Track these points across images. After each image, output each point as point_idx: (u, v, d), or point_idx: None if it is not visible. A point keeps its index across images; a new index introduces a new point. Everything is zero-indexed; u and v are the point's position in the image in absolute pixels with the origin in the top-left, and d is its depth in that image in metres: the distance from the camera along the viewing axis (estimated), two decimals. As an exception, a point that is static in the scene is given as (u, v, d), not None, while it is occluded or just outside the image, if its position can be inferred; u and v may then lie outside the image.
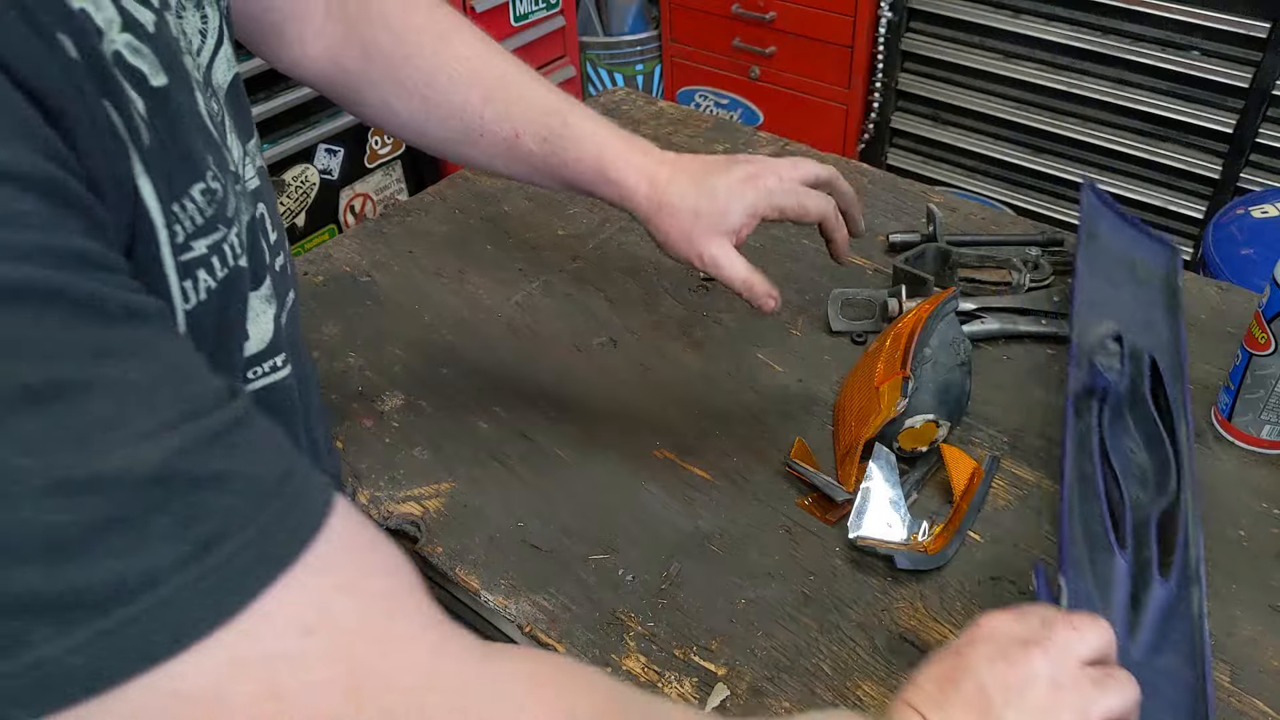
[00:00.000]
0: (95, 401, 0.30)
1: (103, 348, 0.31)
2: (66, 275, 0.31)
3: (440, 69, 0.75)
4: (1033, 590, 0.74)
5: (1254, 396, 0.82)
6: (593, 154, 0.75)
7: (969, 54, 2.20)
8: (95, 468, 0.29)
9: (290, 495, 0.34)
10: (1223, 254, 1.56)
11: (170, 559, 0.30)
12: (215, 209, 0.44)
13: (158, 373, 0.32)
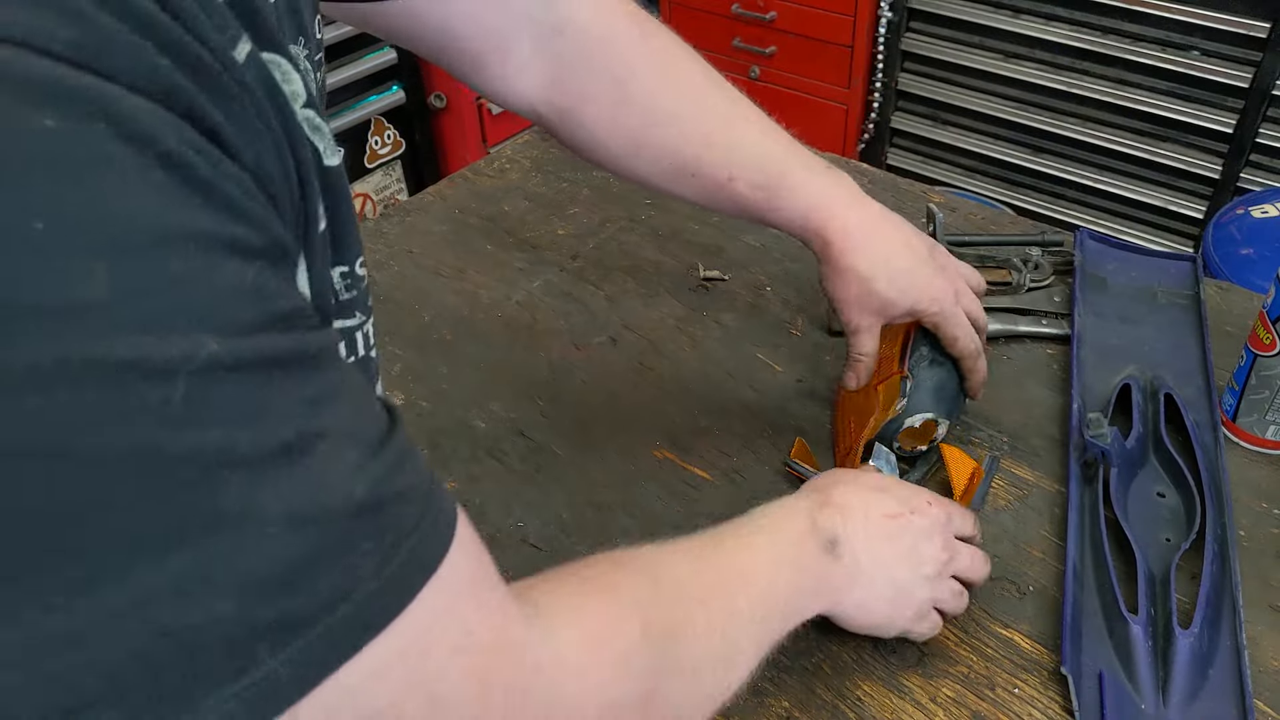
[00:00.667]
0: (323, 446, 0.33)
1: (321, 394, 0.34)
2: (293, 337, 0.33)
3: (659, 110, 0.75)
4: (1032, 590, 0.74)
5: (1259, 397, 0.82)
6: (803, 205, 0.76)
7: (969, 54, 2.20)
8: (323, 505, 0.33)
9: (437, 500, 0.38)
10: (1223, 254, 1.56)
11: (365, 572, 0.34)
12: (354, 294, 0.46)
13: (354, 406, 0.36)
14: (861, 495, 0.67)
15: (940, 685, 0.69)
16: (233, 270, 0.31)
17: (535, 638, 0.43)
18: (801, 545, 0.62)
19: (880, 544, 0.65)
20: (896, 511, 0.67)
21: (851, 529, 0.64)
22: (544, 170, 1.27)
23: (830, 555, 0.63)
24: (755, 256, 1.10)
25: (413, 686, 0.36)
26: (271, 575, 0.31)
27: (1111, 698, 0.66)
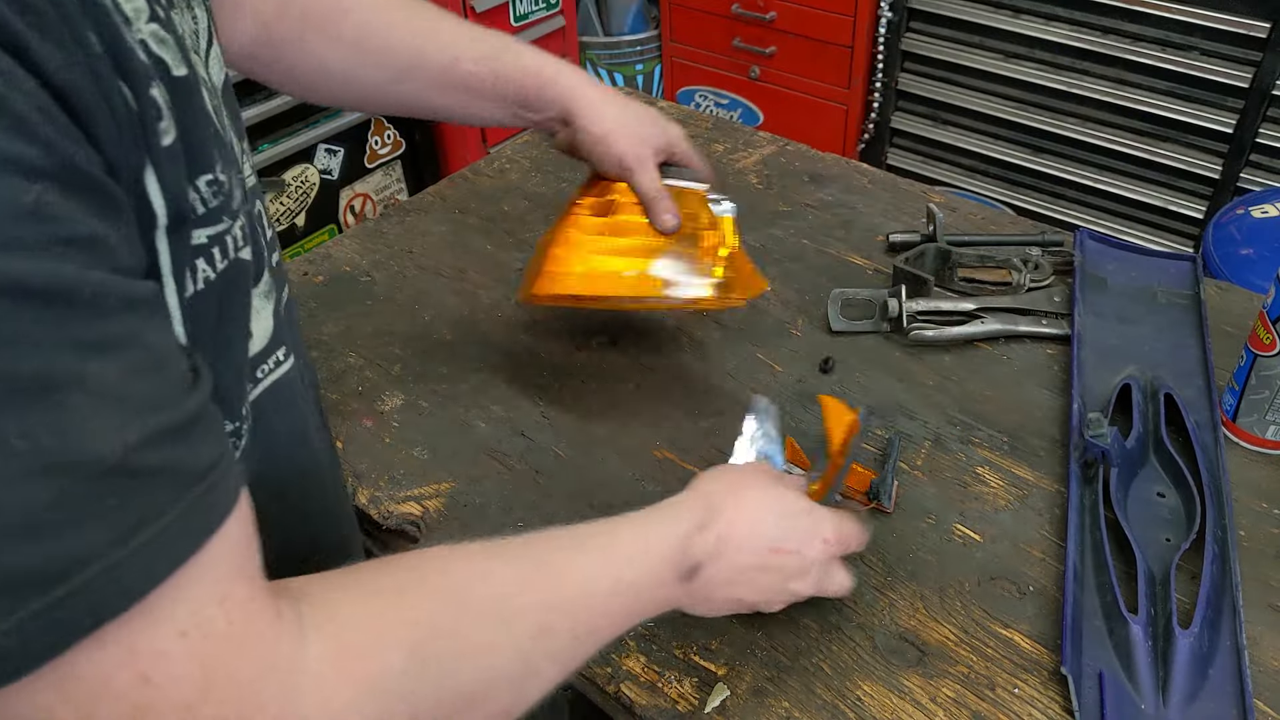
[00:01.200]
0: (79, 395, 0.32)
1: (97, 340, 0.33)
2: (75, 267, 0.33)
3: (378, 17, 0.80)
4: (1032, 590, 0.74)
5: (1259, 397, 0.82)
6: (530, 62, 0.83)
7: (969, 54, 2.20)
8: (71, 456, 0.32)
9: (208, 487, 0.37)
10: (1223, 254, 1.56)
11: (105, 540, 0.33)
12: (220, 200, 0.45)
13: (135, 364, 0.35)
14: (752, 520, 0.63)
15: (940, 685, 0.69)
16: (7, 186, 0.31)
17: (280, 639, 0.41)
18: (657, 574, 0.59)
19: (744, 574, 0.62)
20: (783, 547, 0.63)
21: (719, 562, 0.61)
22: (544, 170, 1.27)
23: (683, 583, 0.60)
24: (755, 257, 1.10)
25: (127, 662, 0.35)
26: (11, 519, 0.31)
27: (1111, 698, 0.66)
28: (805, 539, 0.64)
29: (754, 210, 1.18)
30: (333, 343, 1.01)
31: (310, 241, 2.15)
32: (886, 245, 1.10)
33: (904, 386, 0.93)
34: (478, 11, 2.18)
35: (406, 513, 0.82)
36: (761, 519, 0.63)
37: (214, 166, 0.45)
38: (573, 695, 0.79)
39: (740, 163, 1.27)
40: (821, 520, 0.65)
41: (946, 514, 0.81)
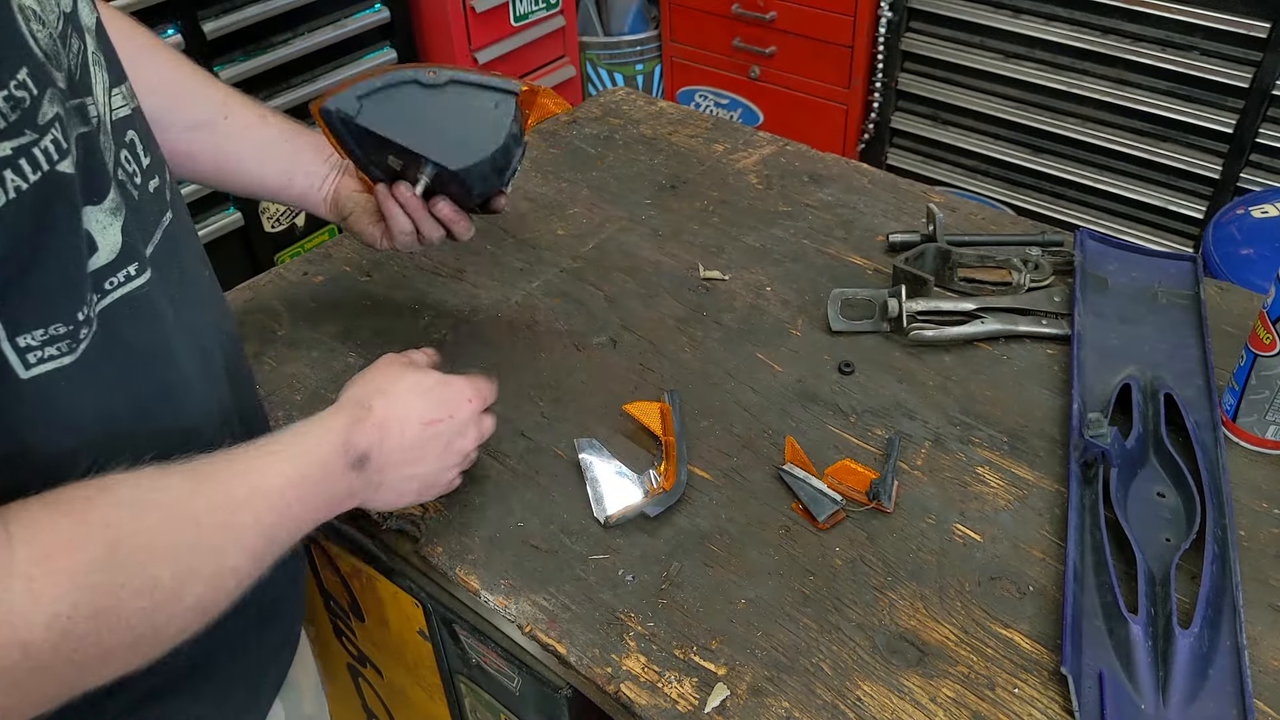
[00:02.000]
0: None
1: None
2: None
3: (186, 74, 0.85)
4: (1032, 590, 0.74)
5: (1259, 397, 0.82)
6: None
7: (969, 54, 2.20)
8: None
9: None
10: (1223, 254, 1.56)
11: None
12: (20, 114, 0.48)
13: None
14: (403, 406, 0.71)
15: (940, 685, 0.69)
16: None
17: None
18: (326, 466, 0.65)
19: (412, 451, 0.71)
20: (435, 417, 0.72)
21: (385, 445, 0.69)
22: (544, 170, 1.27)
23: (355, 472, 0.67)
24: (755, 256, 1.10)
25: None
26: None
27: (1111, 698, 0.66)
28: (452, 404, 0.74)
29: (754, 210, 1.18)
30: (333, 343, 1.01)
31: (310, 241, 2.15)
32: (886, 245, 1.10)
33: (904, 386, 0.93)
34: (478, 11, 2.18)
35: (406, 513, 0.82)
36: (409, 401, 0.72)
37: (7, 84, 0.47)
38: (572, 695, 0.79)
39: (740, 163, 1.27)
40: (459, 385, 0.75)
41: (946, 514, 0.81)
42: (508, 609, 0.75)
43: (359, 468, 0.67)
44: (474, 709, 0.96)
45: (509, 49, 2.30)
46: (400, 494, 0.72)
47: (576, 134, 1.34)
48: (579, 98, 2.57)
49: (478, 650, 0.86)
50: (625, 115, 1.38)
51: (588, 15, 2.66)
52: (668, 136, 1.33)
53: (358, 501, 0.69)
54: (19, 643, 0.46)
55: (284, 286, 1.09)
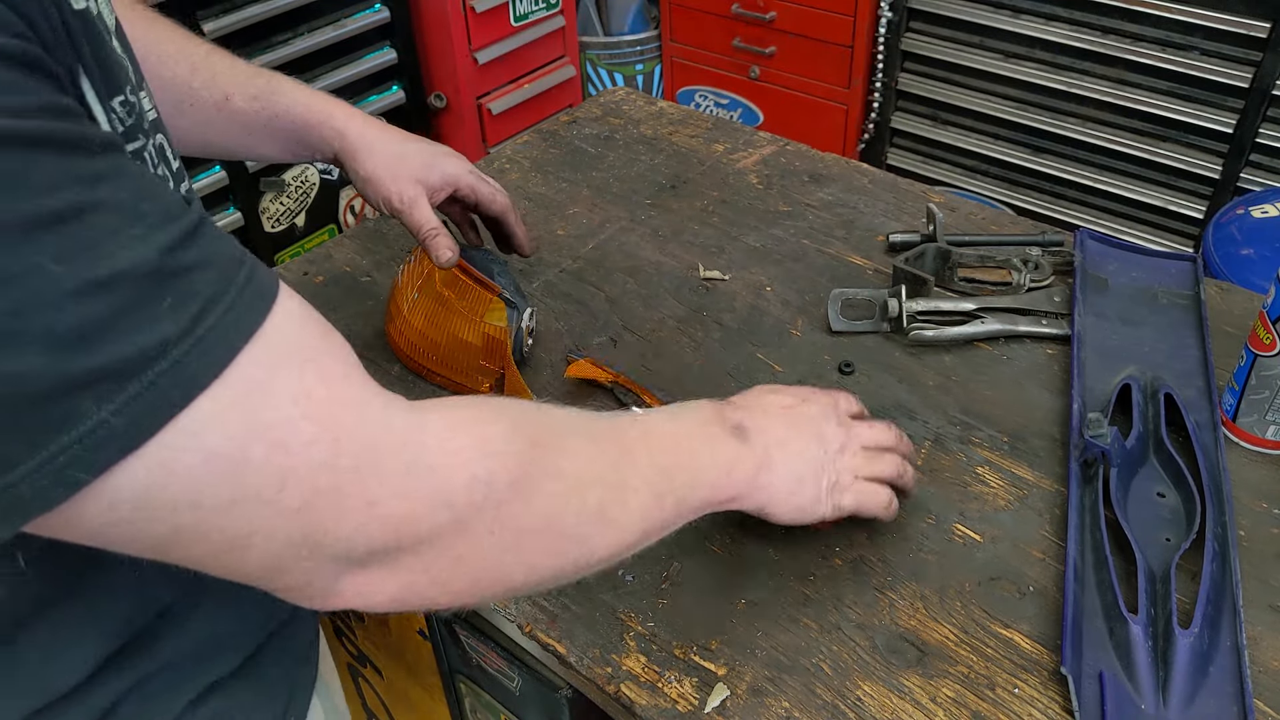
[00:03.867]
0: (101, 216, 0.37)
1: (97, 174, 0.38)
2: (54, 123, 0.37)
3: (149, 50, 0.80)
4: (1032, 590, 0.74)
5: (1259, 397, 0.82)
6: (302, 102, 0.86)
7: (969, 54, 2.20)
8: (110, 268, 0.37)
9: (248, 272, 0.42)
10: (1223, 254, 1.56)
11: (175, 331, 0.38)
12: (134, 120, 0.50)
13: (137, 188, 0.40)
14: (756, 395, 0.72)
15: (940, 685, 0.69)
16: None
17: (391, 406, 0.48)
18: (709, 428, 0.66)
19: (784, 431, 0.69)
20: (790, 403, 0.72)
21: (757, 420, 0.68)
22: (544, 170, 1.27)
23: (739, 440, 0.66)
24: (755, 256, 1.10)
25: (255, 431, 0.41)
26: (70, 330, 0.36)
27: (1112, 698, 0.66)
28: (799, 392, 0.73)
29: (754, 210, 1.18)
30: (333, 343, 1.00)
31: (310, 241, 2.15)
32: (886, 245, 1.10)
33: (904, 387, 0.93)
34: (478, 11, 2.18)
35: None
36: (758, 395, 0.72)
37: (124, 88, 0.49)
38: (572, 695, 0.79)
39: (740, 163, 1.27)
40: (793, 387, 0.75)
41: (946, 514, 0.81)
42: (508, 609, 0.75)
43: (741, 436, 0.66)
44: (474, 709, 0.96)
45: (509, 49, 2.30)
46: (792, 478, 0.68)
47: (576, 134, 1.34)
48: (579, 98, 2.57)
49: (478, 650, 0.86)
50: (625, 115, 1.38)
51: (588, 15, 2.66)
52: (668, 136, 1.33)
53: (761, 491, 0.67)
54: (445, 500, 0.48)
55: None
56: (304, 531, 0.43)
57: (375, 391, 0.48)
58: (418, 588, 0.49)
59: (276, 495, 0.42)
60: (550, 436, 0.55)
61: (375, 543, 0.46)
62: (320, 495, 0.43)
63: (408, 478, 0.46)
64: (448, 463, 0.48)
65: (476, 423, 0.51)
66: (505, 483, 0.50)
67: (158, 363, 0.38)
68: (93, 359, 0.36)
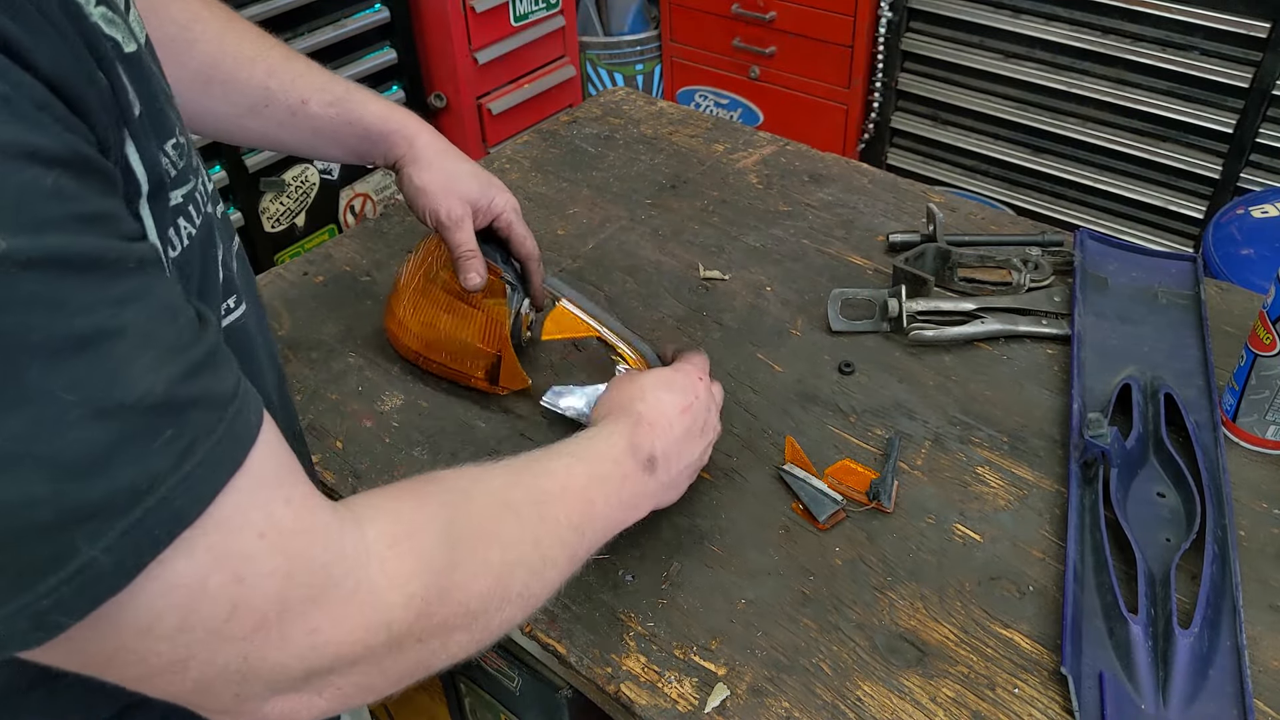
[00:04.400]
0: (122, 343, 0.37)
1: (126, 296, 0.38)
2: (94, 238, 0.37)
3: (226, 51, 0.82)
4: (1032, 590, 0.74)
5: (1259, 397, 0.82)
6: (376, 111, 0.89)
7: (969, 54, 2.20)
8: (119, 399, 0.37)
9: (239, 405, 0.42)
10: (1223, 254, 1.56)
11: (166, 466, 0.38)
12: (185, 161, 0.49)
13: (159, 312, 0.39)
14: (660, 401, 0.74)
15: (940, 685, 0.69)
16: (30, 176, 0.35)
17: (343, 529, 0.47)
18: (620, 465, 0.68)
19: (683, 442, 0.73)
20: (686, 404, 0.74)
21: (664, 442, 0.71)
22: (544, 170, 1.27)
23: (648, 473, 0.70)
24: (755, 256, 1.10)
25: (219, 563, 0.41)
26: (77, 460, 0.36)
27: (1111, 698, 0.66)
28: (692, 386, 0.76)
29: (754, 210, 1.18)
30: (333, 343, 1.01)
31: (310, 241, 2.15)
32: (886, 245, 1.10)
33: (904, 387, 0.93)
34: (478, 11, 2.18)
35: None
36: (660, 396, 0.74)
37: (175, 130, 0.49)
38: (572, 694, 0.79)
39: (740, 163, 1.27)
40: (686, 370, 0.78)
41: (946, 514, 0.81)
42: (508, 609, 0.75)
43: (650, 469, 0.70)
44: (474, 709, 0.96)
45: (509, 49, 2.30)
46: (681, 488, 0.75)
47: (576, 134, 1.34)
48: (579, 98, 2.57)
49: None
50: (625, 115, 1.38)
51: (588, 15, 2.66)
52: (668, 136, 1.33)
53: (654, 504, 0.72)
54: (383, 623, 0.48)
55: (284, 286, 1.09)
56: (243, 658, 0.43)
57: (329, 513, 0.47)
58: (345, 698, 0.49)
59: (224, 625, 0.42)
60: (481, 524, 0.56)
61: (311, 668, 0.46)
62: (265, 625, 0.43)
63: (350, 605, 0.46)
64: (388, 584, 0.48)
65: (414, 535, 0.51)
66: (438, 594, 0.51)
67: (147, 498, 0.37)
68: (92, 490, 0.36)
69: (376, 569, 0.48)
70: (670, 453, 0.72)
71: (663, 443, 0.71)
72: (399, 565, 0.49)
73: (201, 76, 0.80)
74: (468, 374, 0.93)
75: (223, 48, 0.82)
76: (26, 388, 0.35)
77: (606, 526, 0.66)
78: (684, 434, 0.73)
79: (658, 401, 0.73)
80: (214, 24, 0.82)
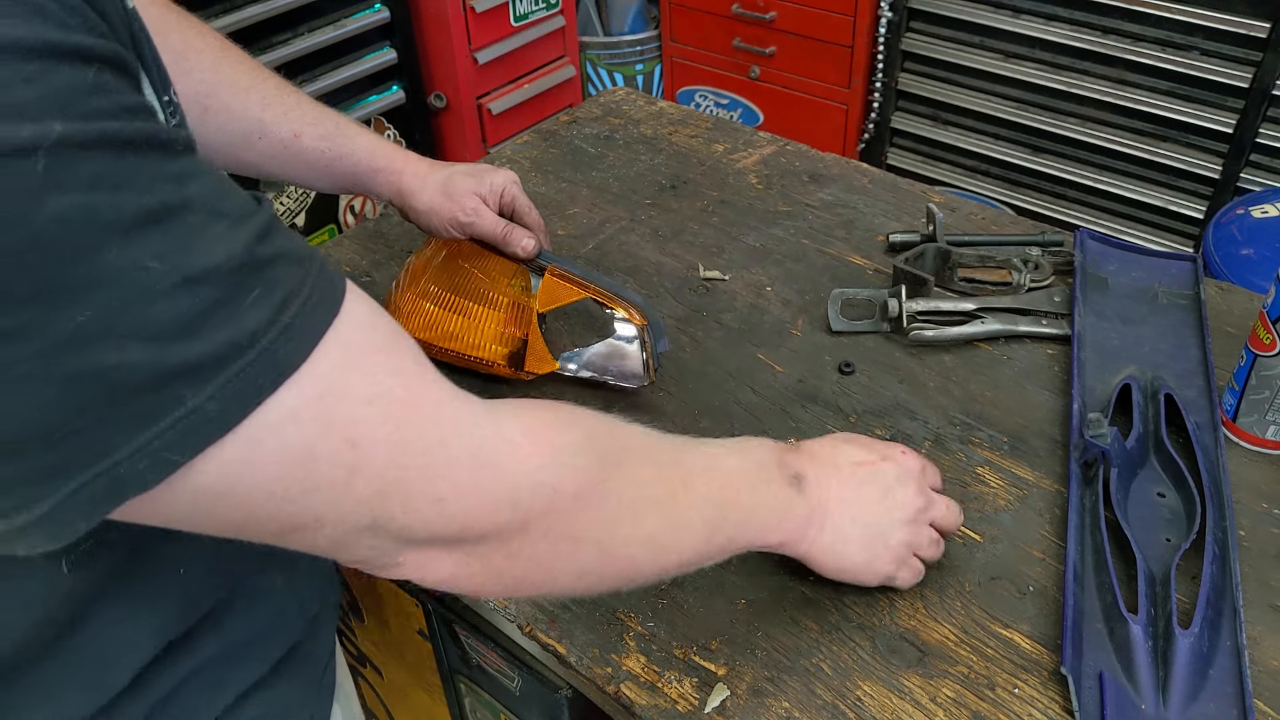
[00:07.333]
0: (191, 215, 0.39)
1: (182, 173, 0.39)
2: (140, 124, 0.38)
3: (221, 80, 0.83)
4: (1032, 590, 0.74)
5: (1259, 397, 0.82)
6: (365, 147, 0.91)
7: (969, 54, 2.20)
8: (203, 264, 0.38)
9: (319, 265, 0.44)
10: (1223, 254, 1.56)
11: (263, 321, 0.40)
12: (178, 118, 0.51)
13: (217, 186, 0.41)
14: (830, 445, 0.70)
15: (940, 685, 0.69)
16: (72, 71, 0.36)
17: (465, 408, 0.48)
18: (767, 470, 0.65)
19: (850, 488, 0.68)
20: (866, 459, 0.70)
21: (819, 471, 0.67)
22: (544, 170, 1.27)
23: (794, 489, 0.65)
24: (755, 256, 1.10)
25: (328, 429, 0.42)
26: (169, 324, 0.37)
27: (1111, 698, 0.66)
28: (882, 450, 0.71)
29: (754, 210, 1.18)
30: (333, 343, 1.00)
31: (310, 241, 2.15)
32: (886, 245, 1.10)
33: (904, 387, 0.93)
34: (478, 11, 2.18)
35: None
36: (835, 444, 0.71)
37: (169, 87, 0.50)
38: (572, 695, 0.79)
39: (740, 163, 1.27)
40: (885, 442, 0.73)
41: (946, 514, 0.80)
42: (508, 609, 0.75)
43: (797, 485, 0.65)
44: (474, 709, 0.96)
45: (509, 49, 2.30)
46: (847, 539, 0.68)
47: (576, 134, 1.34)
48: (579, 98, 2.57)
49: (478, 650, 0.86)
50: (625, 115, 1.38)
51: (588, 15, 2.66)
52: (668, 136, 1.33)
53: (806, 542, 0.67)
54: (510, 501, 0.49)
55: (284, 286, 1.09)
56: (372, 517, 0.45)
57: (449, 392, 0.48)
58: (471, 573, 0.51)
59: (347, 486, 0.43)
60: (619, 455, 0.56)
61: (438, 533, 0.48)
62: (388, 489, 0.45)
63: (477, 478, 0.48)
64: (518, 466, 0.49)
65: (551, 428, 0.52)
66: (570, 493, 0.51)
67: (248, 351, 0.39)
68: (190, 350, 0.38)
69: (506, 450, 0.49)
70: (825, 485, 0.67)
71: (817, 473, 0.67)
72: (532, 450, 0.50)
73: (198, 105, 0.81)
74: (489, 360, 0.92)
75: (218, 76, 0.83)
76: (108, 265, 0.36)
77: (747, 522, 0.63)
78: (849, 479, 0.68)
79: (828, 444, 0.70)
80: (208, 54, 0.83)
